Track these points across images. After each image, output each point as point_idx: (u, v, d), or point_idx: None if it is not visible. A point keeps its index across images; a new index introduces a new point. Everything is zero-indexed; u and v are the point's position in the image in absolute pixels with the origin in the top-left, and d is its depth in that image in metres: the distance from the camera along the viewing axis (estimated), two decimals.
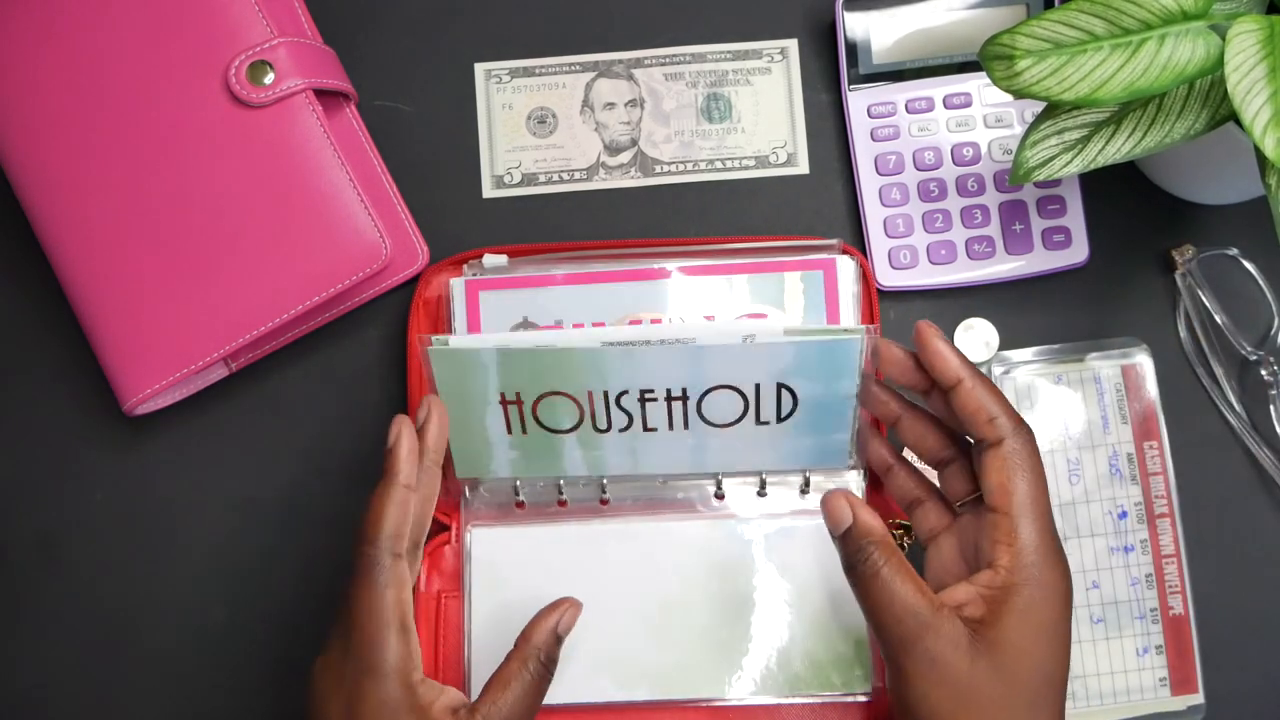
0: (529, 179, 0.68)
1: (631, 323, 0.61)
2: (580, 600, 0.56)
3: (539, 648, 0.53)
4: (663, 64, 0.68)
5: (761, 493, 0.62)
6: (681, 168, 0.67)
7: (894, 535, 0.64)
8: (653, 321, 0.62)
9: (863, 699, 0.61)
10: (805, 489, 0.62)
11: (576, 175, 0.67)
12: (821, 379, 0.57)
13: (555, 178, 0.67)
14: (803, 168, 0.67)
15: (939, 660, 0.47)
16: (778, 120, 0.68)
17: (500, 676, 0.53)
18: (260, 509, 0.66)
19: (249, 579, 0.65)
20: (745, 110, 0.68)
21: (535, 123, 0.67)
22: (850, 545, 0.50)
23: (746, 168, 0.67)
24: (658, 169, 0.67)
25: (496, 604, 0.61)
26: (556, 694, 0.61)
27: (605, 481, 0.62)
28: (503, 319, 0.63)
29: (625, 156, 0.68)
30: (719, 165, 0.67)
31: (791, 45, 0.68)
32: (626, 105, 0.68)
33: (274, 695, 0.64)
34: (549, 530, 0.62)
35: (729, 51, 0.68)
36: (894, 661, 0.49)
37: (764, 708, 0.61)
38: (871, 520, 0.50)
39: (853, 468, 0.60)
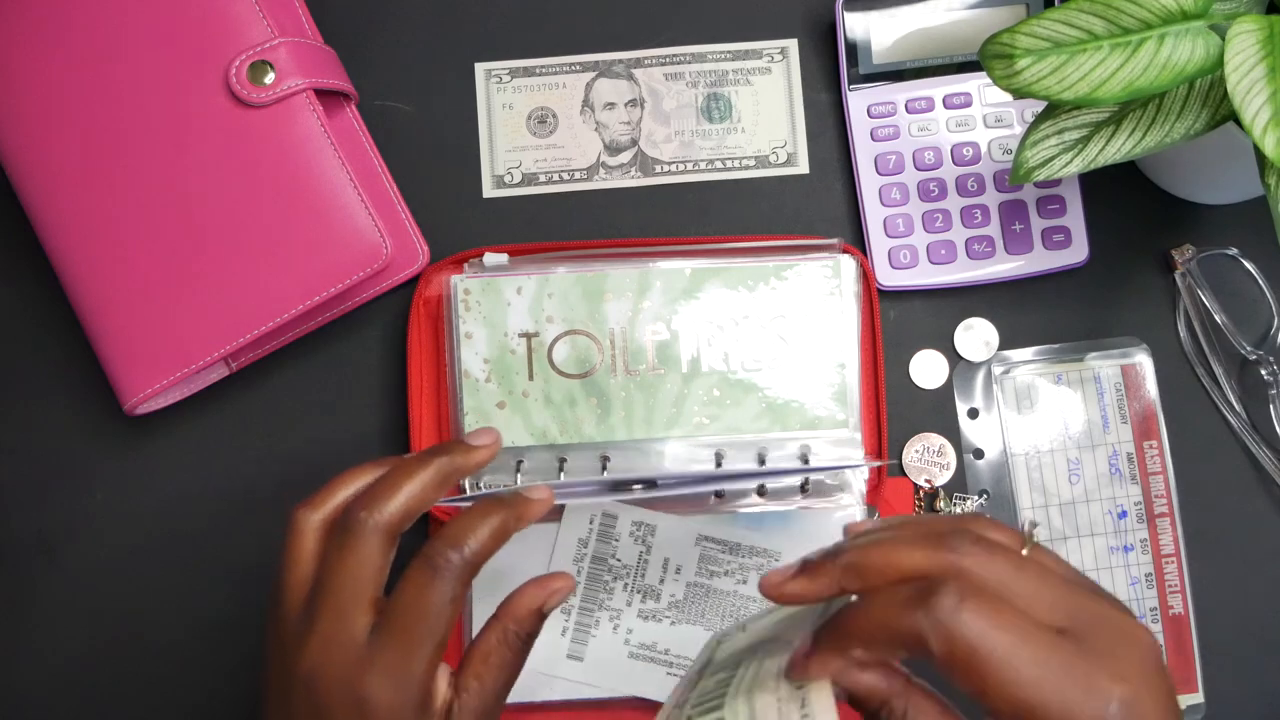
0: (529, 179, 0.68)
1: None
2: (574, 578, 0.53)
3: (520, 622, 0.51)
4: (663, 64, 0.68)
5: (761, 492, 0.62)
6: (681, 167, 0.67)
7: (920, 497, 0.64)
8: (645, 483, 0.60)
9: None
10: (805, 487, 0.62)
11: (577, 175, 0.68)
12: None
13: (556, 177, 0.67)
14: (803, 168, 0.67)
15: None
16: (778, 120, 0.68)
17: (480, 650, 0.51)
18: (261, 508, 0.66)
19: (249, 578, 0.65)
20: (745, 110, 0.68)
21: (535, 123, 0.67)
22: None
23: (747, 167, 0.67)
24: (658, 168, 0.67)
25: (498, 600, 0.61)
26: (556, 691, 0.61)
27: (606, 478, 0.62)
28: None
29: (625, 156, 0.68)
30: (719, 165, 0.67)
31: (791, 45, 0.68)
32: (627, 105, 0.68)
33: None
34: (551, 526, 0.62)
35: (729, 51, 0.68)
36: None
37: None
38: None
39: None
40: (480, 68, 0.68)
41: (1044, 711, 0.39)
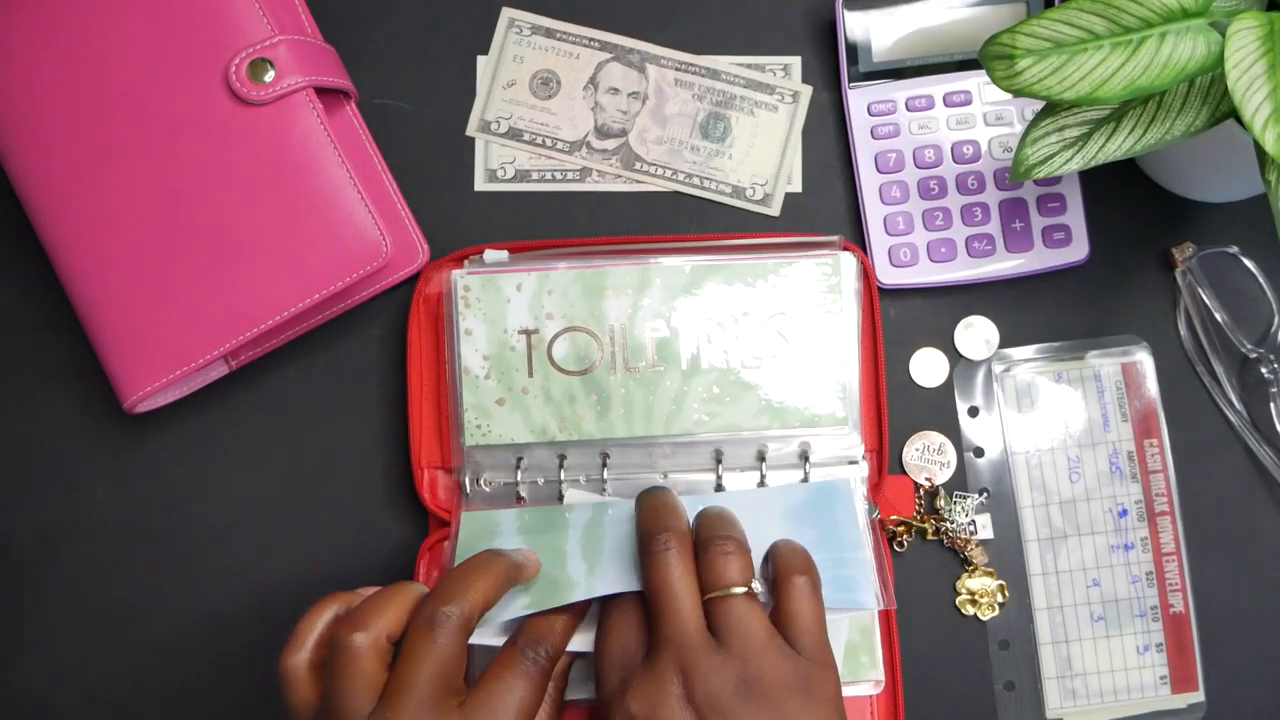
0: (521, 175, 0.68)
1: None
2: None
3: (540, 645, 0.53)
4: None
5: (762, 484, 0.62)
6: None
7: (893, 532, 0.64)
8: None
9: (870, 687, 0.61)
10: (805, 481, 0.62)
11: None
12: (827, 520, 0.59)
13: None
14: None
15: None
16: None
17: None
18: (260, 507, 0.66)
19: (249, 577, 0.65)
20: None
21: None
22: None
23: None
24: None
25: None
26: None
27: (606, 474, 0.62)
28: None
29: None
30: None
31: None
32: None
33: (274, 695, 0.64)
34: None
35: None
36: None
37: None
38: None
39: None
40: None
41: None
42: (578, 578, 0.55)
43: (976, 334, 0.66)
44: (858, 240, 0.67)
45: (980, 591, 0.64)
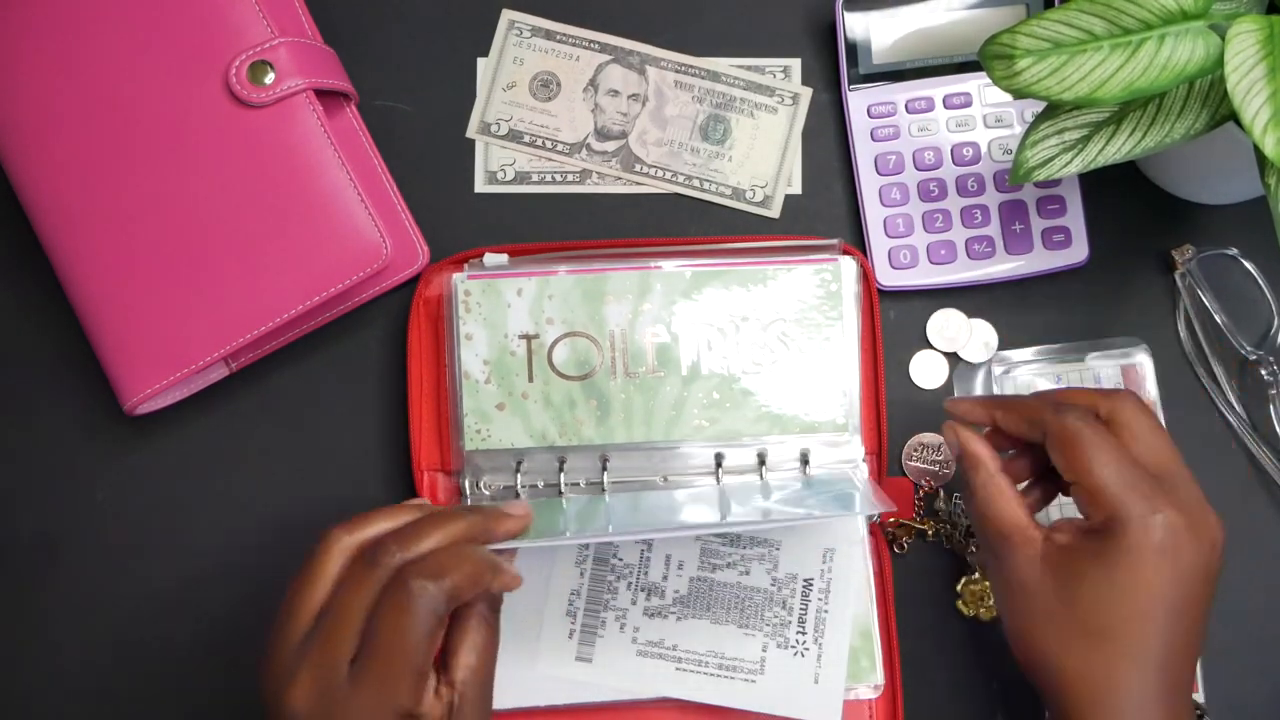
0: (521, 177, 0.68)
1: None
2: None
3: (492, 599, 0.52)
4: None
5: (763, 486, 0.62)
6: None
7: (892, 534, 0.64)
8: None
9: (871, 691, 0.61)
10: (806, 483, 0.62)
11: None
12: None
13: (547, 178, 0.68)
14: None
15: (1010, 566, 0.54)
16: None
17: (462, 641, 0.51)
18: (260, 509, 0.66)
19: (249, 579, 0.65)
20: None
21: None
22: (961, 467, 0.57)
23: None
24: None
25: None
26: (561, 694, 0.61)
27: (606, 479, 0.62)
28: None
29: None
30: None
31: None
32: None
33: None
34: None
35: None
36: (985, 565, 0.60)
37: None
38: (976, 448, 0.56)
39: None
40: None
41: (1104, 494, 0.52)
42: (567, 527, 0.56)
43: (976, 336, 0.66)
44: (857, 242, 0.67)
45: (980, 593, 0.64)
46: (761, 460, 0.62)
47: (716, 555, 0.62)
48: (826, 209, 0.68)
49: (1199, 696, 0.63)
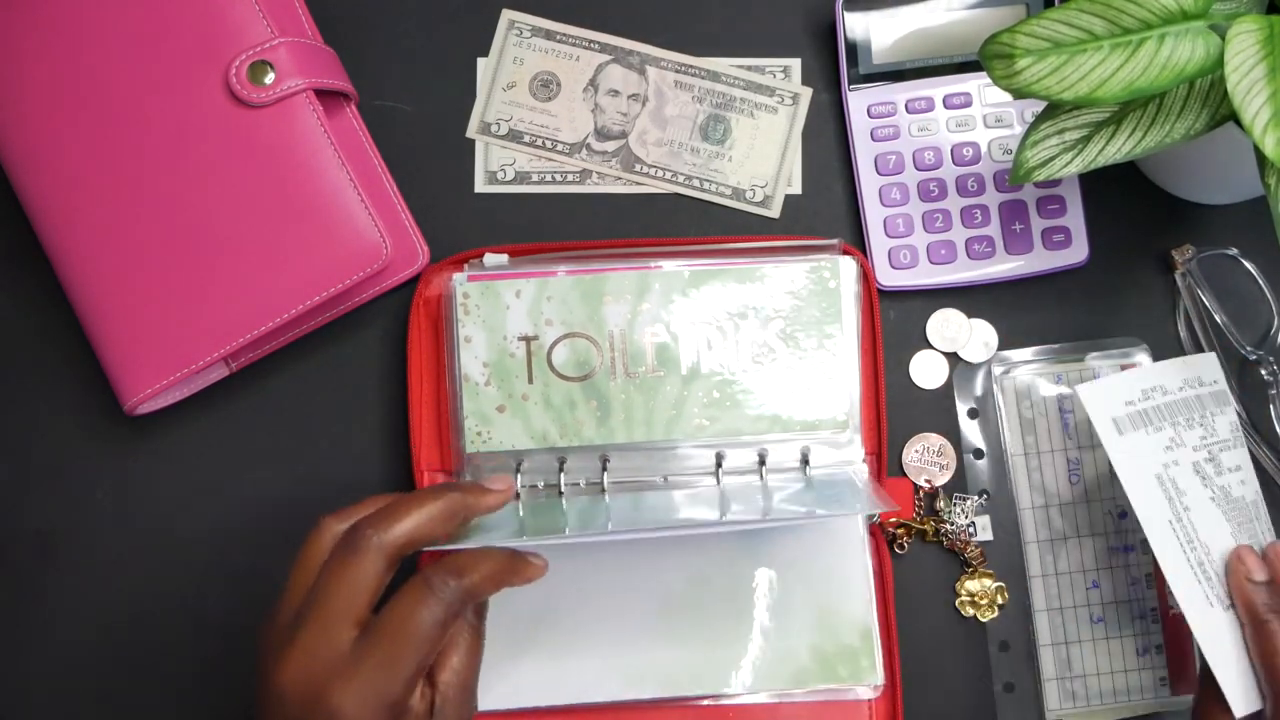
0: (521, 177, 0.68)
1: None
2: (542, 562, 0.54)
3: (480, 604, 0.53)
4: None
5: (763, 487, 0.62)
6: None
7: (892, 534, 0.64)
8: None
9: (869, 691, 0.61)
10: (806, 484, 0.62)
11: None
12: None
13: (547, 177, 0.68)
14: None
15: None
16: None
17: (447, 642, 0.52)
18: (260, 508, 0.66)
19: (249, 578, 0.65)
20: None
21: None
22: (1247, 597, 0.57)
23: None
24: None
25: (497, 601, 0.61)
26: (562, 694, 0.61)
27: (606, 479, 0.62)
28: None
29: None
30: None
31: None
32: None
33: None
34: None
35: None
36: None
37: (766, 706, 0.61)
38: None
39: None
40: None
41: None
42: (567, 525, 0.56)
43: (976, 336, 0.66)
44: (857, 242, 0.67)
45: (980, 593, 0.64)
46: (762, 460, 0.62)
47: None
48: (826, 209, 0.68)
49: None
